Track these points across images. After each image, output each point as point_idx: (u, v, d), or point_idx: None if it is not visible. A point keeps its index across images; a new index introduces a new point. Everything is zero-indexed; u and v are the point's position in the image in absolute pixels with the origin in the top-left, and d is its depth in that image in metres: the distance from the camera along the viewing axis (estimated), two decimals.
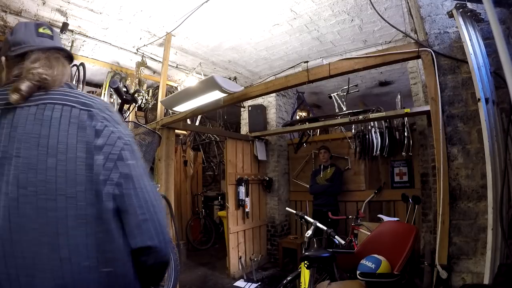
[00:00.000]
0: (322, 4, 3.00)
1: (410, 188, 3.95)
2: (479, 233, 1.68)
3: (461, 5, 1.70)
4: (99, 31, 3.48)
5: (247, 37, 3.67)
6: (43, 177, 0.65)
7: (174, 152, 3.95)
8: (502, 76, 1.45)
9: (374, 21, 3.29)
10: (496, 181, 1.54)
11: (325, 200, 4.19)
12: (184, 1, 2.93)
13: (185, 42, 3.79)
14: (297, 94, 5.23)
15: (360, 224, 3.38)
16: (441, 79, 1.86)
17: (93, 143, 0.70)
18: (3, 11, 2.93)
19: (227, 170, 4.37)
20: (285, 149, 5.37)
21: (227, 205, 4.28)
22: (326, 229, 2.43)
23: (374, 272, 2.02)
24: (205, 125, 6.65)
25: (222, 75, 4.55)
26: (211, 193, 6.60)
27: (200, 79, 3.94)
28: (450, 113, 1.84)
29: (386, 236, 2.41)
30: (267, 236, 5.03)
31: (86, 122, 0.71)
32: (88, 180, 0.67)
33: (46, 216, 0.64)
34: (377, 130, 3.99)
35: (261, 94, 2.94)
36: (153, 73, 4.61)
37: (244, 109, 5.31)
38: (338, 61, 2.30)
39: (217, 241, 5.86)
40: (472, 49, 1.65)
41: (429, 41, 1.92)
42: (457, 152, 1.80)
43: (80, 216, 0.66)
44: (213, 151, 7.43)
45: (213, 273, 4.33)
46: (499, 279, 1.37)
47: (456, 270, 1.71)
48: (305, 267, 2.24)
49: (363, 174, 4.46)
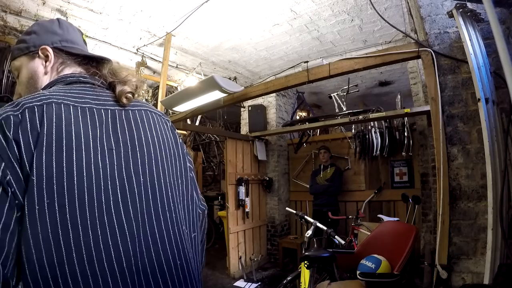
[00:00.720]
0: (322, 4, 3.00)
1: (410, 188, 3.95)
2: (479, 233, 1.68)
3: (461, 5, 1.70)
4: (99, 31, 3.48)
5: (247, 37, 3.67)
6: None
7: None
8: (502, 76, 1.45)
9: (374, 21, 3.29)
10: (496, 181, 1.54)
11: (325, 200, 4.19)
12: (184, 1, 2.93)
13: (185, 42, 3.79)
14: (297, 94, 5.22)
15: (360, 224, 3.38)
16: (441, 79, 1.86)
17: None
18: (3, 11, 2.93)
19: (227, 170, 4.37)
20: (285, 149, 5.37)
21: (227, 205, 4.28)
22: (326, 229, 2.43)
23: (374, 272, 2.02)
24: (205, 125, 6.65)
25: (222, 75, 4.55)
26: (211, 193, 6.60)
27: (200, 79, 3.95)
28: (450, 113, 1.84)
29: (386, 236, 2.41)
30: (267, 236, 5.03)
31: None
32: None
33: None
34: (377, 130, 3.99)
35: (261, 94, 2.95)
36: (153, 73, 4.61)
37: (244, 109, 5.31)
38: (338, 61, 2.30)
39: (217, 241, 5.86)
40: (472, 49, 1.65)
41: (429, 41, 1.92)
42: (457, 152, 1.80)
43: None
44: (213, 151, 7.43)
45: (213, 273, 4.33)
46: (499, 279, 1.37)
47: (456, 270, 1.71)
48: (305, 267, 2.24)
49: (363, 174, 4.46)
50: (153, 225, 0.61)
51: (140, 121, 0.70)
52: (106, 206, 0.56)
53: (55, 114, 0.57)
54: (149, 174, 0.65)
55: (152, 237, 0.60)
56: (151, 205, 0.62)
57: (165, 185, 0.67)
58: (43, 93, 0.61)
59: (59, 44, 0.76)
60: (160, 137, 0.72)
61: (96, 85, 0.72)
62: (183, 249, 0.66)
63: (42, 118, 0.55)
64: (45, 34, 0.77)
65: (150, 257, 0.59)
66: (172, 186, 0.70)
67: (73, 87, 0.68)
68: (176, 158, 0.74)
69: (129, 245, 0.57)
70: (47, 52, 0.74)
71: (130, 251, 0.57)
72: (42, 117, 0.55)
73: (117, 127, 0.65)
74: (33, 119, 0.55)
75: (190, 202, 0.77)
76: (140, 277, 0.56)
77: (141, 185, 0.62)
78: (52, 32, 0.78)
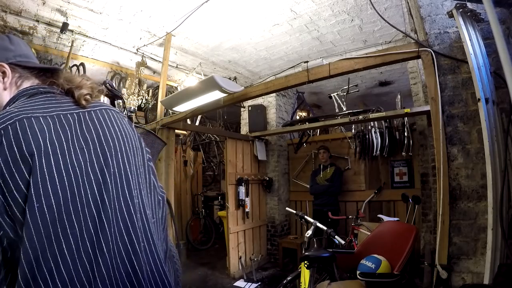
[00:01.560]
0: (322, 4, 3.00)
1: (410, 188, 3.95)
2: (479, 233, 1.68)
3: (461, 5, 1.70)
4: (99, 31, 3.48)
5: (247, 37, 3.67)
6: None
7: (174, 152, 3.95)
8: (502, 76, 1.45)
9: (374, 21, 3.29)
10: (496, 181, 1.54)
11: (326, 200, 4.19)
12: (184, 1, 2.93)
13: (185, 42, 3.79)
14: (297, 94, 5.23)
15: (360, 224, 3.38)
16: (441, 79, 1.86)
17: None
18: (3, 11, 2.93)
19: (227, 170, 4.37)
20: (285, 149, 5.37)
21: (227, 205, 4.28)
22: (326, 229, 2.43)
23: (374, 272, 2.02)
24: (205, 125, 6.65)
25: (222, 75, 4.55)
26: (211, 193, 6.60)
27: (200, 79, 3.95)
28: (450, 113, 1.84)
29: (386, 236, 2.41)
30: (267, 236, 5.03)
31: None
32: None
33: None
34: (377, 130, 3.99)
35: (261, 94, 2.95)
36: (153, 73, 4.61)
37: (244, 109, 5.31)
38: (338, 61, 2.30)
39: (217, 241, 5.85)
40: (472, 49, 1.65)
41: (429, 41, 1.92)
42: (457, 152, 1.80)
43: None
44: (213, 151, 7.43)
45: (213, 273, 4.33)
46: (499, 279, 1.37)
47: (456, 270, 1.71)
48: (305, 267, 2.24)
49: (363, 174, 4.46)
50: (123, 209, 0.68)
51: (102, 119, 0.76)
52: (86, 199, 0.63)
53: (28, 128, 0.61)
54: (117, 165, 0.71)
55: (123, 221, 0.67)
56: (121, 192, 0.69)
57: (130, 173, 0.74)
58: (11, 110, 0.64)
59: (13, 59, 0.79)
60: (120, 132, 0.78)
61: (56, 94, 0.76)
62: (149, 230, 0.73)
63: (17, 134, 0.59)
64: None
65: (123, 240, 0.66)
66: (137, 173, 0.77)
67: (36, 99, 0.72)
68: (136, 149, 0.80)
69: (106, 229, 0.64)
70: (3, 69, 0.77)
71: (108, 233, 0.64)
72: (16, 134, 0.59)
73: (83, 128, 0.70)
74: (8, 138, 0.58)
75: (151, 188, 0.84)
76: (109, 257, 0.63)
77: (111, 175, 0.69)
78: (5, 48, 0.81)
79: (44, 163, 0.59)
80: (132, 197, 0.71)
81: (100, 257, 0.61)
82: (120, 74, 4.39)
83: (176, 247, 2.72)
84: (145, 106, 4.49)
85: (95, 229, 0.62)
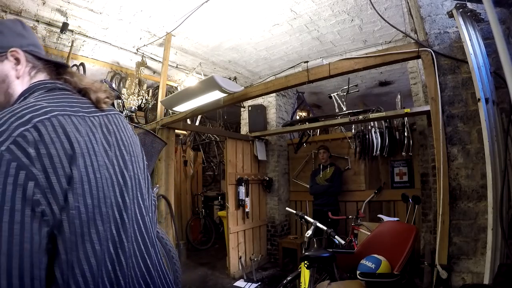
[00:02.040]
0: (322, 4, 3.00)
1: (410, 188, 3.95)
2: (479, 233, 1.68)
3: (461, 5, 1.70)
4: (99, 31, 3.48)
5: (247, 37, 3.67)
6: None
7: (174, 152, 3.95)
8: (502, 76, 1.45)
9: (374, 21, 3.29)
10: (496, 181, 1.54)
11: (325, 200, 4.19)
12: (184, 1, 2.93)
13: (185, 42, 3.79)
14: (297, 94, 5.23)
15: (360, 224, 3.38)
16: (441, 79, 1.86)
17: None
18: (3, 11, 2.93)
19: (227, 170, 4.37)
20: (285, 149, 5.37)
21: (227, 205, 4.28)
22: (326, 229, 2.43)
23: (374, 272, 2.02)
24: (205, 125, 6.65)
25: (222, 75, 4.55)
26: (211, 193, 6.60)
27: (200, 79, 3.95)
28: (450, 113, 1.84)
29: (386, 236, 2.41)
30: (267, 236, 5.03)
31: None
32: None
33: None
34: (377, 130, 3.99)
35: (261, 94, 2.95)
36: (153, 73, 4.61)
37: (244, 109, 5.31)
38: (338, 61, 2.30)
39: (217, 241, 5.85)
40: (472, 49, 1.65)
41: (429, 41, 1.92)
42: (457, 152, 1.80)
43: None
44: (213, 151, 7.43)
45: (213, 273, 4.33)
46: (499, 279, 1.37)
47: (456, 270, 1.71)
48: (305, 267, 2.24)
49: (363, 174, 4.46)
50: (136, 212, 0.70)
51: (118, 124, 0.76)
52: (112, 200, 0.64)
53: (65, 125, 0.59)
54: (132, 169, 0.73)
55: (137, 223, 0.70)
56: (136, 195, 0.72)
57: (141, 178, 0.77)
58: (40, 103, 0.60)
59: (27, 48, 0.75)
60: (131, 137, 0.79)
61: (72, 92, 0.73)
62: (152, 232, 0.77)
63: (55, 131, 0.57)
64: (12, 36, 0.74)
65: (137, 241, 0.69)
66: (144, 179, 0.79)
67: (57, 95, 0.68)
68: (141, 155, 0.82)
69: (127, 229, 0.66)
70: (17, 55, 0.72)
71: (127, 233, 0.66)
72: (54, 130, 0.57)
73: (105, 131, 0.70)
74: (47, 134, 0.55)
75: (149, 192, 0.85)
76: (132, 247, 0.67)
77: (129, 179, 0.70)
78: (19, 34, 0.75)
79: (82, 162, 0.58)
80: (144, 200, 0.74)
81: (122, 255, 0.62)
82: (120, 74, 4.39)
83: (176, 247, 2.73)
84: (145, 106, 4.49)
85: (118, 230, 0.63)
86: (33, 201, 0.51)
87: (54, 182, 0.54)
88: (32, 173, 0.51)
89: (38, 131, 0.54)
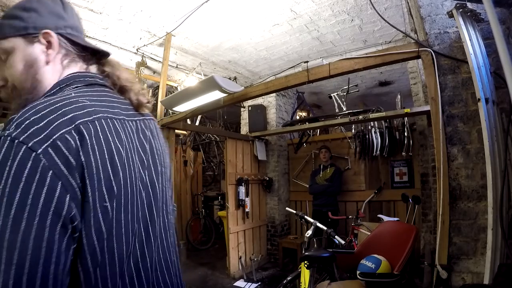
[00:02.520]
0: (322, 4, 3.00)
1: (410, 188, 3.95)
2: (479, 233, 1.68)
3: (461, 5, 1.70)
4: (99, 31, 3.48)
5: (247, 37, 3.67)
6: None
7: (174, 152, 3.95)
8: (502, 76, 1.45)
9: (374, 21, 3.29)
10: (496, 181, 1.54)
11: (325, 200, 4.19)
12: (184, 1, 2.93)
13: (185, 42, 3.79)
14: (297, 94, 5.22)
15: (360, 224, 3.38)
16: (441, 79, 1.86)
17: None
18: (3, 11, 2.93)
19: (227, 170, 4.37)
20: (285, 149, 5.37)
21: (227, 205, 4.28)
22: (326, 229, 2.43)
23: (374, 272, 2.02)
24: (205, 125, 6.65)
25: (222, 75, 4.55)
26: (211, 193, 6.60)
27: (200, 79, 3.94)
28: (450, 113, 1.84)
29: (386, 236, 2.41)
30: (267, 236, 5.03)
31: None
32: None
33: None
34: (377, 130, 3.99)
35: (261, 94, 2.95)
36: (153, 73, 4.61)
37: (244, 109, 5.31)
38: (338, 61, 2.30)
39: (217, 241, 5.85)
40: (472, 49, 1.65)
41: (429, 41, 1.92)
42: (457, 152, 1.80)
43: None
44: (213, 151, 7.43)
45: (213, 273, 4.33)
46: (499, 279, 1.36)
47: (456, 270, 1.71)
48: (305, 267, 2.24)
49: (363, 174, 4.46)
50: (161, 226, 0.69)
51: (152, 130, 0.73)
52: (143, 213, 0.62)
53: (104, 133, 0.54)
54: (161, 180, 0.71)
55: (160, 239, 0.69)
56: (163, 208, 0.71)
57: (168, 189, 0.76)
58: (83, 101, 0.55)
59: (63, 30, 0.66)
60: (164, 146, 0.77)
61: (112, 90, 0.68)
62: (174, 248, 0.76)
63: (99, 138, 0.52)
64: (48, 15, 0.65)
65: (168, 245, 0.71)
66: (168, 190, 0.77)
67: (97, 92, 0.62)
68: (169, 166, 0.80)
69: (151, 246, 0.65)
70: (50, 38, 0.63)
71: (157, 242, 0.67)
72: (97, 137, 0.52)
73: (141, 137, 0.66)
74: (89, 140, 0.50)
75: (170, 201, 0.84)
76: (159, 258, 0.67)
77: (160, 191, 0.69)
78: (56, 14, 0.66)
79: (120, 176, 0.54)
80: (168, 213, 0.73)
81: (143, 271, 0.61)
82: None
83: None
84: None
85: (142, 246, 0.60)
86: (65, 217, 0.45)
87: (92, 196, 0.48)
88: (70, 185, 0.46)
89: (81, 135, 0.49)
